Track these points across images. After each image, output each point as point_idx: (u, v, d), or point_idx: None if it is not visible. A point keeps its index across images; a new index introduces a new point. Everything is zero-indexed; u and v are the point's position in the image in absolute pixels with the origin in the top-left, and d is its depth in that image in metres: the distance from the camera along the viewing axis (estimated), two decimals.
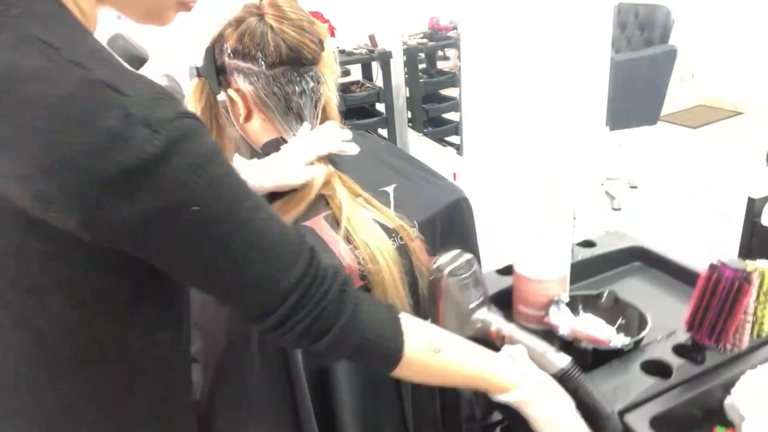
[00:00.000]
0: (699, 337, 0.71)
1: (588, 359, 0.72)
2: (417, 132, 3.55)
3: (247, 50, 0.89)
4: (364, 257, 0.87)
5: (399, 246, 0.92)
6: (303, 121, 0.95)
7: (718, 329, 0.69)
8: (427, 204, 0.98)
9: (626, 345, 0.72)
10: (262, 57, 0.89)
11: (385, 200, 0.96)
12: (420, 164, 1.09)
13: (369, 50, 3.62)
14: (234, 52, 0.91)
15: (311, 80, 0.94)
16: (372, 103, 3.72)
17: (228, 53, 0.91)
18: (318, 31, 0.95)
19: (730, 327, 0.68)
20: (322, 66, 0.98)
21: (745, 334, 0.70)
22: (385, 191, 0.97)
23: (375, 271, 0.87)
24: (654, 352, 0.74)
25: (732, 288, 0.67)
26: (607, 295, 0.80)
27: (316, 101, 0.96)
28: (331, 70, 1.00)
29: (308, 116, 0.95)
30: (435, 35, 3.27)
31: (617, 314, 0.79)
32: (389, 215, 0.93)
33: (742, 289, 0.66)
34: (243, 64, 0.90)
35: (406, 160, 1.08)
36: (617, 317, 0.79)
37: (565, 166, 2.29)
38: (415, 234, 0.94)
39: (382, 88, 3.60)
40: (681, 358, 0.72)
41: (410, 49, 3.43)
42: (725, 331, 0.69)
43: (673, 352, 0.73)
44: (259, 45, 0.89)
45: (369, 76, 3.86)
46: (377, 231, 0.89)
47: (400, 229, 0.92)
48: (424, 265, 0.95)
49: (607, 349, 0.72)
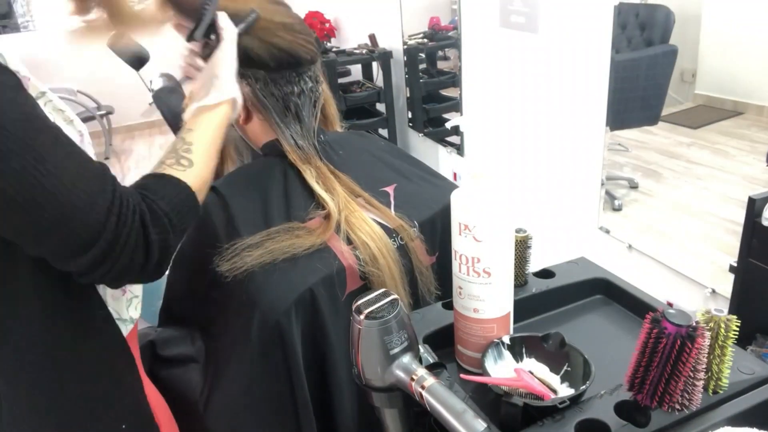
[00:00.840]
0: (641, 398, 0.62)
1: (518, 417, 0.63)
2: (417, 132, 3.55)
3: (243, 57, 0.89)
4: (365, 257, 0.87)
5: (399, 246, 0.92)
6: (302, 122, 0.95)
7: (660, 390, 0.60)
8: (427, 204, 0.98)
9: (563, 403, 0.63)
10: (259, 63, 0.89)
11: (385, 200, 0.96)
12: (420, 164, 1.09)
13: (369, 50, 3.62)
14: None
15: (309, 80, 0.94)
16: (372, 103, 3.72)
17: None
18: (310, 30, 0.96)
19: (674, 388, 0.59)
20: (319, 65, 0.99)
21: (696, 392, 0.61)
22: (385, 191, 0.97)
23: (375, 271, 0.87)
24: (593, 411, 0.63)
25: (674, 347, 0.57)
26: (552, 337, 0.71)
27: (315, 101, 0.96)
28: None
29: (307, 116, 0.95)
30: (435, 35, 3.27)
31: (563, 360, 0.69)
32: (389, 215, 0.93)
33: (685, 349, 0.57)
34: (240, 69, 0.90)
35: (406, 160, 1.08)
36: (563, 363, 0.69)
37: (565, 167, 2.29)
38: (416, 234, 0.94)
39: (382, 88, 3.60)
40: (622, 420, 0.62)
41: (410, 49, 3.43)
42: (669, 393, 0.60)
43: (615, 412, 0.63)
44: (253, 56, 0.89)
45: (369, 76, 3.86)
46: (378, 231, 0.89)
47: (400, 229, 0.92)
48: (424, 264, 0.95)
49: (541, 406, 0.63)
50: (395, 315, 0.63)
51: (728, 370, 0.65)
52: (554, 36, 2.16)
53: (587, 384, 0.64)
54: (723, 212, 2.57)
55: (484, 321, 0.72)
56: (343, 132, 1.09)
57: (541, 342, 0.71)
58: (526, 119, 2.44)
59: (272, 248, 0.83)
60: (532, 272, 0.88)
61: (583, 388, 0.64)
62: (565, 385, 0.68)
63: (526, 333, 0.74)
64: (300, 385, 0.82)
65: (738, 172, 3.11)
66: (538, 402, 0.62)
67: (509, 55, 2.45)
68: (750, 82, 3.73)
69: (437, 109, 3.44)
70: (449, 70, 3.33)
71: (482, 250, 0.69)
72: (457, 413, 0.58)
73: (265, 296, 0.81)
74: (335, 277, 0.85)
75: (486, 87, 2.73)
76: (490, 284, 0.70)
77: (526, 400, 0.62)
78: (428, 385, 0.61)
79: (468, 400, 0.67)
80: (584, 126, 2.12)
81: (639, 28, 3.15)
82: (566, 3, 2.07)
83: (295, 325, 0.81)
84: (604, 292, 0.88)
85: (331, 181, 0.93)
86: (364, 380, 0.66)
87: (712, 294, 1.75)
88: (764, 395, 0.65)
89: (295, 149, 0.94)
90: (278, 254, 0.82)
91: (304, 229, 0.87)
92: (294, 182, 0.92)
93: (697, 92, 4.21)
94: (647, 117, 2.96)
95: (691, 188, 3.06)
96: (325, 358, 0.85)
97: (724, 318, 0.63)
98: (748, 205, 1.33)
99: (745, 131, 3.71)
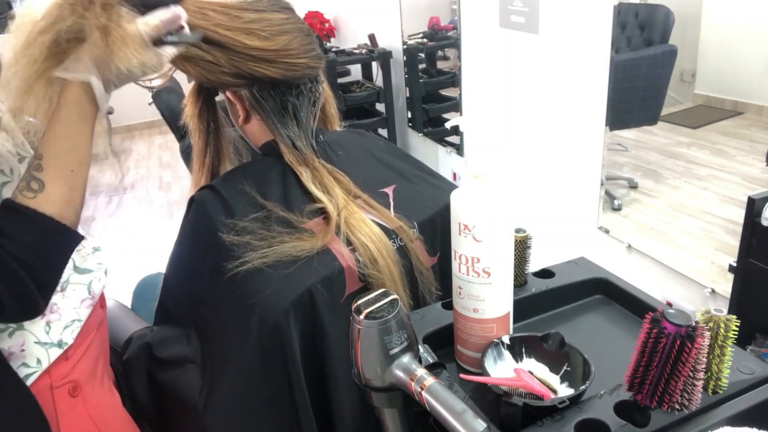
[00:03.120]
0: (640, 398, 0.62)
1: (518, 417, 0.63)
2: (417, 132, 3.55)
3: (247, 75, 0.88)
4: (364, 259, 0.87)
5: (399, 247, 0.92)
6: (299, 122, 0.94)
7: (660, 390, 0.60)
8: (427, 204, 0.98)
9: (563, 403, 0.63)
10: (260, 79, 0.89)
11: (384, 201, 0.95)
12: (420, 164, 1.09)
13: (369, 50, 3.62)
14: None
15: (309, 81, 0.94)
16: (372, 103, 3.72)
17: None
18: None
19: (673, 388, 0.59)
20: None
21: (696, 392, 0.61)
22: (384, 192, 0.97)
23: (375, 272, 0.87)
24: (593, 411, 0.63)
25: (674, 346, 0.58)
26: (552, 337, 0.71)
27: (314, 101, 0.96)
28: None
29: (305, 116, 0.94)
30: (435, 35, 3.27)
31: (563, 359, 0.70)
32: (388, 216, 0.93)
33: (684, 349, 0.57)
34: None
35: (405, 161, 1.07)
36: (563, 363, 0.69)
37: (564, 166, 2.29)
38: (415, 235, 0.94)
39: (382, 88, 3.60)
40: (622, 420, 0.62)
41: (410, 49, 3.43)
42: (668, 393, 0.60)
43: (615, 412, 0.63)
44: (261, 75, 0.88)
45: (369, 76, 3.86)
46: (377, 232, 0.89)
47: (399, 230, 0.92)
48: (424, 265, 0.95)
49: (541, 405, 0.63)
50: (395, 315, 0.64)
51: (728, 370, 0.65)
52: (554, 36, 2.16)
53: (587, 384, 0.64)
54: (723, 212, 2.57)
55: (483, 321, 0.72)
56: (342, 131, 1.09)
57: (541, 342, 0.71)
58: (525, 119, 2.44)
59: (273, 251, 0.83)
60: (532, 272, 0.88)
61: (583, 388, 0.64)
62: (565, 385, 0.68)
63: (525, 333, 0.74)
64: (299, 385, 0.82)
65: (738, 172, 3.10)
66: (538, 402, 0.62)
67: (509, 55, 2.45)
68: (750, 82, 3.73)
69: (437, 109, 3.44)
70: (449, 70, 3.33)
71: (482, 250, 0.69)
72: (456, 413, 0.58)
73: (263, 297, 0.81)
74: (334, 278, 0.85)
75: (486, 87, 2.73)
76: (490, 284, 0.70)
77: (526, 400, 0.62)
78: (428, 385, 0.62)
79: (468, 400, 0.67)
80: (584, 126, 2.12)
81: (639, 28, 3.14)
82: (566, 3, 2.07)
83: (294, 325, 0.81)
84: (604, 292, 0.88)
85: (330, 182, 0.92)
86: (363, 380, 0.66)
87: (711, 294, 1.75)
88: (764, 395, 0.65)
89: (292, 150, 0.93)
90: (279, 257, 0.82)
91: (307, 231, 0.87)
92: (293, 183, 0.92)
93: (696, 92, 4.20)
94: (647, 117, 2.96)
95: (691, 188, 3.06)
96: (323, 359, 0.85)
97: (724, 318, 0.63)
98: (748, 205, 1.33)
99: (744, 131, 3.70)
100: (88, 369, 0.81)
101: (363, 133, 1.11)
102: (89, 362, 0.81)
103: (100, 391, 0.83)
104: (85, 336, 0.81)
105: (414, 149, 3.64)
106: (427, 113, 3.47)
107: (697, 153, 3.62)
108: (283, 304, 0.80)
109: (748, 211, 1.33)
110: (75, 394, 0.79)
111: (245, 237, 0.84)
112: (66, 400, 0.78)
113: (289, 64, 0.87)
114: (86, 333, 0.81)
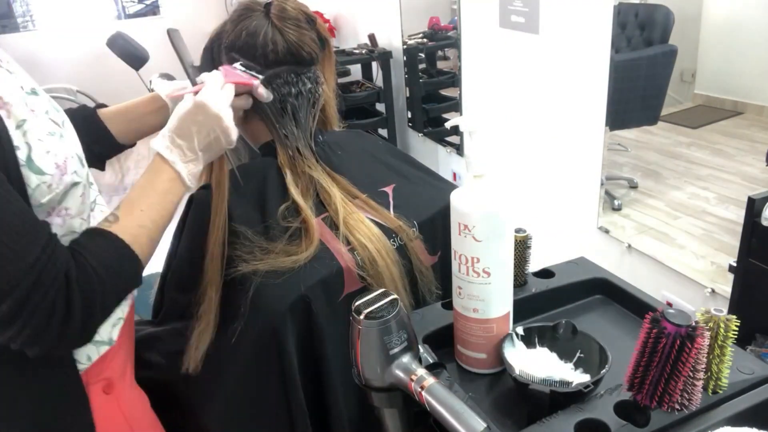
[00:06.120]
0: (640, 398, 0.62)
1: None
2: (416, 132, 3.55)
3: (244, 45, 0.88)
4: (364, 259, 0.87)
5: (399, 246, 0.92)
6: (298, 123, 0.94)
7: (660, 390, 0.60)
8: (427, 204, 0.98)
9: (588, 387, 0.64)
10: (259, 55, 0.89)
11: (383, 201, 0.95)
12: (419, 164, 1.08)
13: (369, 50, 3.62)
14: (231, 46, 0.90)
15: (309, 81, 0.93)
16: (372, 103, 3.72)
17: (225, 46, 0.91)
18: (320, 30, 0.95)
19: (673, 388, 0.60)
20: (323, 65, 0.98)
21: (696, 392, 0.61)
22: (384, 192, 0.97)
23: (374, 272, 0.87)
24: (593, 410, 0.63)
25: (674, 346, 0.58)
26: (564, 326, 0.72)
27: (314, 102, 0.95)
28: (331, 70, 1.00)
29: (303, 117, 0.94)
30: (435, 35, 3.27)
31: (575, 347, 0.71)
32: (388, 216, 0.93)
33: (684, 349, 0.57)
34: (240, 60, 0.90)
35: (405, 160, 1.07)
36: (575, 351, 0.71)
37: (564, 166, 2.29)
38: (415, 234, 0.93)
39: (382, 88, 3.59)
40: (622, 420, 0.62)
41: (410, 49, 3.43)
42: (668, 393, 0.60)
43: (615, 412, 0.63)
44: (258, 41, 0.88)
45: (369, 76, 3.86)
46: (376, 232, 0.89)
47: (399, 229, 0.92)
48: (424, 264, 0.94)
49: (567, 392, 0.64)
50: (395, 315, 0.64)
51: (728, 370, 0.65)
52: (554, 36, 2.16)
53: (606, 368, 0.66)
54: (723, 212, 2.57)
55: (483, 321, 0.72)
56: (342, 131, 1.09)
57: (553, 330, 0.73)
58: (525, 119, 2.44)
59: (272, 260, 0.82)
60: (532, 272, 0.88)
61: (604, 371, 0.65)
62: (580, 371, 0.69)
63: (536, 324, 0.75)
64: (295, 388, 0.82)
65: (738, 172, 3.10)
66: (564, 388, 0.64)
67: (509, 55, 2.45)
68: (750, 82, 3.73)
69: (437, 109, 3.43)
70: (449, 70, 3.33)
71: (482, 250, 0.69)
72: (456, 413, 0.59)
73: (260, 300, 0.81)
74: (333, 279, 0.85)
75: (486, 87, 2.73)
76: (490, 284, 0.70)
77: (553, 387, 0.64)
78: (428, 385, 0.62)
79: (468, 400, 0.67)
80: (584, 126, 2.12)
81: (639, 27, 3.14)
82: (566, 3, 2.07)
83: (291, 328, 0.81)
84: (604, 292, 0.88)
85: (328, 184, 0.92)
86: (363, 380, 0.66)
87: (711, 294, 1.75)
88: (764, 395, 0.65)
89: (287, 151, 0.93)
90: (274, 268, 0.82)
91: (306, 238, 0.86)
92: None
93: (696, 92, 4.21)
94: (647, 117, 2.96)
95: (691, 188, 3.05)
96: (321, 361, 0.85)
97: (724, 318, 0.63)
98: (748, 205, 1.33)
99: (744, 131, 3.70)
100: (119, 367, 0.82)
101: (362, 133, 1.11)
102: (120, 360, 0.82)
103: (129, 389, 0.84)
104: (122, 333, 0.82)
105: (414, 149, 3.64)
106: (427, 113, 3.47)
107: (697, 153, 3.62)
108: (281, 307, 0.80)
109: (748, 211, 1.33)
110: (108, 391, 0.79)
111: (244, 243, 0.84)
112: (100, 397, 0.78)
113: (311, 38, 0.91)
114: (123, 330, 0.82)
